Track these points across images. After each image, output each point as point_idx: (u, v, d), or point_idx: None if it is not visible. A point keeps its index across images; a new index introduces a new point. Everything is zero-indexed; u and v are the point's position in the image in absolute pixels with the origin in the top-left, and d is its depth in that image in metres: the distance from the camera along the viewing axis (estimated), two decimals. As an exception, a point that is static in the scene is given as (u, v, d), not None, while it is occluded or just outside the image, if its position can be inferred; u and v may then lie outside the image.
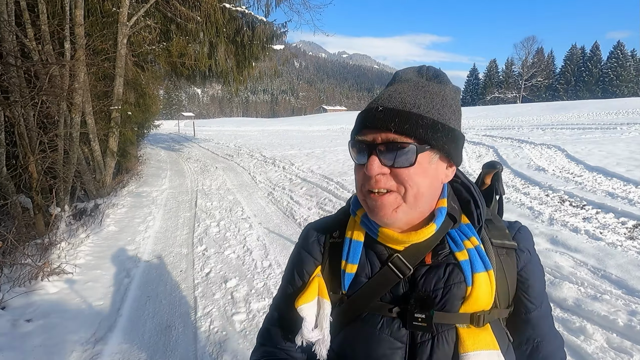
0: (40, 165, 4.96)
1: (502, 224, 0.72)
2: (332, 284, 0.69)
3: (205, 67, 10.67)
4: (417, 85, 0.62)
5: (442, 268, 0.64)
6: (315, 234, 0.74)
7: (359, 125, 0.62)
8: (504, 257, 0.68)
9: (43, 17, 5.71)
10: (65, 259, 3.70)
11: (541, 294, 0.71)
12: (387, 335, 0.63)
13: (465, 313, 0.63)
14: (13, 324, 2.47)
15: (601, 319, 2.48)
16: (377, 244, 0.67)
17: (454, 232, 0.66)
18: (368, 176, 0.59)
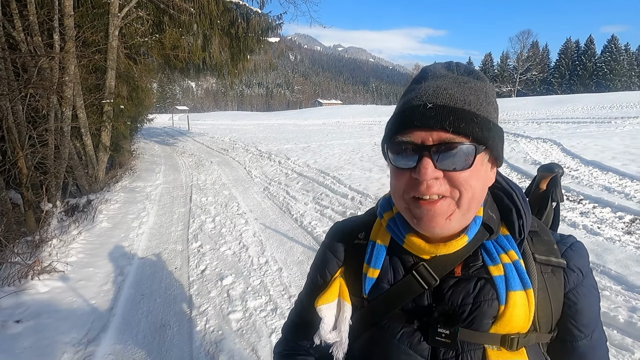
0: (30, 161, 4.85)
1: (552, 237, 0.64)
2: (353, 286, 0.67)
3: (199, 59, 10.50)
4: (459, 81, 0.56)
5: (472, 282, 0.59)
6: (340, 234, 0.72)
7: (401, 124, 0.55)
8: (548, 275, 0.61)
9: (31, 8, 5.53)
10: (56, 256, 3.61)
11: (593, 321, 0.63)
12: (407, 347, 0.60)
13: (496, 334, 0.58)
14: (2, 325, 2.40)
15: (602, 316, 2.46)
16: (402, 250, 0.63)
17: (489, 243, 0.60)
18: (416, 181, 0.54)
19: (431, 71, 0.59)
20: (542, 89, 65.42)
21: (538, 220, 0.67)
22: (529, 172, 7.04)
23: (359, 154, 10.76)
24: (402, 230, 0.62)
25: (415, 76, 0.62)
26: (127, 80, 9.05)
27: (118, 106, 8.46)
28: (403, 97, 0.59)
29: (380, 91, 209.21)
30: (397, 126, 0.56)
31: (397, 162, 0.56)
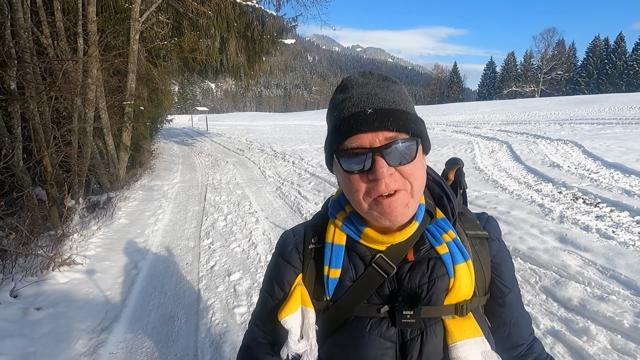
0: (55, 159, 5.12)
1: (472, 215, 0.74)
2: (315, 291, 0.68)
3: (217, 62, 10.75)
4: (381, 86, 0.62)
5: (424, 263, 0.65)
6: (292, 242, 0.73)
7: (347, 131, 0.58)
8: (478, 246, 0.69)
9: (58, 14, 5.85)
10: (76, 250, 3.82)
11: (512, 278, 0.73)
12: (377, 337, 0.63)
13: (450, 304, 0.64)
14: (24, 312, 2.58)
15: (606, 320, 2.42)
16: (359, 246, 0.66)
17: (432, 227, 0.67)
18: (374, 182, 0.57)
19: (353, 81, 0.64)
20: (568, 89, 63.17)
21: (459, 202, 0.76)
22: (546, 174, 6.87)
23: (373, 155, 10.76)
24: (358, 226, 0.65)
25: (337, 87, 0.66)
26: (147, 83, 9.37)
27: (138, 107, 8.78)
28: (335, 108, 0.63)
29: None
30: (343, 135, 0.59)
31: (351, 168, 0.59)
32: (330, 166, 0.66)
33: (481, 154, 9.89)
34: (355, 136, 0.58)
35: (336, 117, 0.61)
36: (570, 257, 3.34)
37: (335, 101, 0.64)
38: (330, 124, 0.63)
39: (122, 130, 8.17)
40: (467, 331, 0.63)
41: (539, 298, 2.79)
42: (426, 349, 0.62)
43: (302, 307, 0.66)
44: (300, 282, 0.69)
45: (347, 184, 0.61)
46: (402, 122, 0.58)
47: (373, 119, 0.57)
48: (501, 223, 4.36)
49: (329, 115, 0.64)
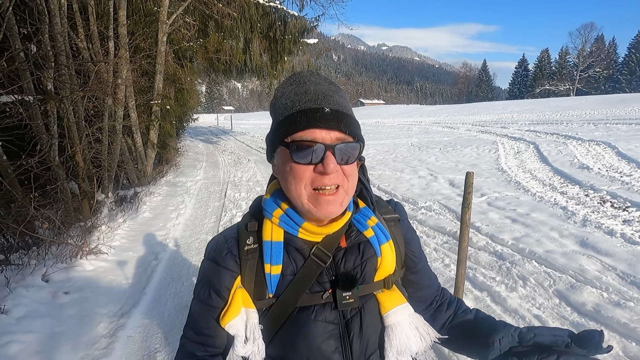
0: (86, 155, 5.44)
1: (384, 201, 0.84)
2: (255, 291, 0.69)
3: (240, 62, 11.01)
4: (331, 89, 0.67)
5: (355, 247, 0.72)
6: (226, 246, 0.72)
7: (302, 124, 0.62)
8: (392, 227, 0.79)
9: (92, 18, 6.20)
10: (103, 240, 4.06)
11: (420, 249, 0.85)
12: (322, 321, 0.67)
13: (379, 280, 0.73)
14: (53, 295, 2.80)
15: (621, 327, 2.34)
16: (296, 240, 0.70)
17: (357, 215, 0.74)
18: (320, 175, 0.62)
19: (305, 77, 0.69)
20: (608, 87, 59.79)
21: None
22: (573, 176, 6.60)
23: (393, 155, 10.67)
24: (297, 221, 0.68)
25: (287, 80, 0.70)
26: (174, 83, 9.73)
27: (165, 107, 9.14)
28: (287, 99, 0.66)
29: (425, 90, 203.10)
30: (298, 125, 0.62)
31: (300, 159, 0.62)
32: (271, 155, 0.70)
33: (506, 154, 9.60)
34: (311, 130, 0.61)
35: (290, 108, 0.64)
36: (589, 262, 3.22)
37: (287, 92, 0.67)
38: (282, 114, 0.65)
39: (149, 128, 8.54)
40: (395, 300, 0.71)
41: (551, 302, 2.72)
42: (365, 322, 0.69)
43: (244, 309, 0.67)
44: (240, 285, 0.68)
45: (292, 173, 0.64)
46: (351, 126, 0.64)
47: (330, 117, 0.62)
48: (519, 225, 4.26)
49: (278, 105, 0.67)
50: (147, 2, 8.22)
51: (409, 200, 5.74)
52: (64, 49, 5.19)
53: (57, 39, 5.11)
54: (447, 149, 11.13)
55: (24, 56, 4.53)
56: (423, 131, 17.95)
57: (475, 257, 3.55)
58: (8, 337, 2.24)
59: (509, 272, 3.17)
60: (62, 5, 5.31)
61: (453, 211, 4.99)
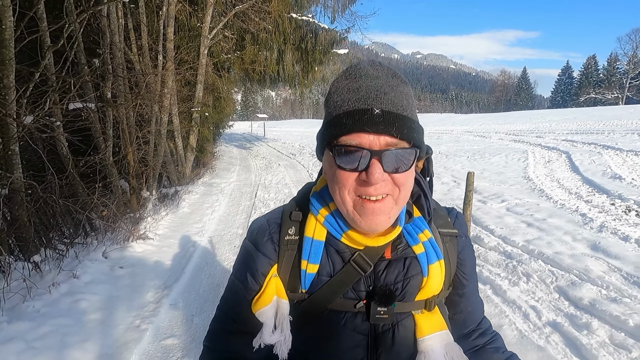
0: (136, 156, 6.15)
1: (443, 211, 0.75)
2: (290, 283, 0.67)
3: (274, 72, 11.68)
4: (391, 85, 0.59)
5: (401, 261, 0.66)
6: (267, 232, 0.70)
7: (349, 127, 0.56)
8: (448, 244, 0.71)
9: (144, 35, 7.01)
10: (149, 229, 4.65)
11: (473, 271, 0.76)
12: (351, 330, 0.64)
13: (421, 300, 0.67)
14: (111, 268, 3.35)
15: (612, 319, 2.49)
16: (338, 243, 0.66)
17: (409, 226, 0.67)
18: (364, 182, 0.57)
19: (362, 70, 0.61)
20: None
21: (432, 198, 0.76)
22: (603, 186, 6.50)
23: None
24: (342, 226, 0.64)
25: (344, 73, 0.63)
26: (212, 92, 10.52)
27: (204, 114, 9.91)
28: (338, 96, 0.60)
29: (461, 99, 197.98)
30: (344, 129, 0.57)
31: (344, 164, 0.57)
32: (321, 155, 0.65)
33: (535, 163, 9.47)
34: (357, 134, 0.56)
35: (339, 107, 0.59)
36: (596, 263, 3.34)
37: (341, 88, 0.61)
38: (331, 113, 0.60)
39: (189, 133, 9.31)
40: (434, 325, 0.65)
41: (551, 296, 2.90)
42: (397, 341, 0.64)
43: (276, 298, 0.65)
44: (275, 274, 0.67)
45: (335, 178, 0.59)
46: (406, 130, 0.56)
47: (379, 120, 0.55)
48: (533, 229, 4.38)
49: (330, 102, 0.62)
50: (191, 19, 9.05)
51: (429, 204, 5.95)
52: (120, 63, 5.96)
53: (116, 53, 5.89)
54: (475, 157, 11.11)
55: (87, 69, 5.30)
56: (453, 139, 17.80)
57: (484, 256, 3.74)
58: (79, 296, 2.78)
59: (514, 270, 3.36)
60: (121, 25, 6.10)
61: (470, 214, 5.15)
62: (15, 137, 3.72)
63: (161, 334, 2.57)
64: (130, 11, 6.62)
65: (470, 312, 0.78)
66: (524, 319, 2.61)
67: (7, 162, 3.64)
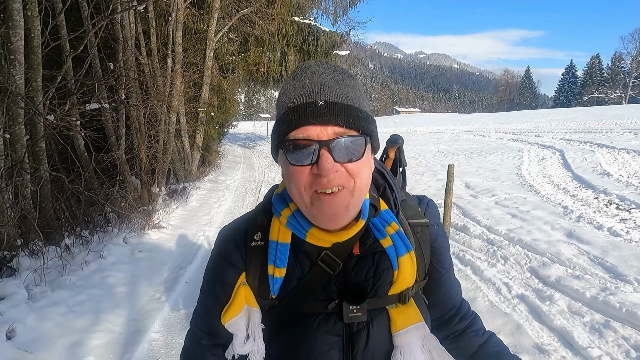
0: (148, 153, 6.55)
1: (414, 201, 0.74)
2: (259, 289, 0.65)
3: (277, 73, 12.06)
4: (336, 79, 0.59)
5: (370, 257, 0.65)
6: (233, 240, 0.69)
7: (295, 121, 0.56)
8: (419, 234, 0.70)
9: (153, 39, 7.41)
10: (162, 220, 5.04)
11: (448, 258, 0.76)
12: (324, 333, 0.63)
13: (394, 294, 0.65)
14: (131, 252, 3.74)
15: (572, 292, 2.84)
16: (304, 243, 0.64)
17: (375, 220, 0.66)
18: (317, 176, 0.56)
19: (308, 69, 0.61)
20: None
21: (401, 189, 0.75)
22: (590, 182, 6.82)
23: (417, 160, 11.15)
24: (304, 225, 0.62)
25: (291, 74, 0.63)
26: (218, 92, 10.92)
27: (209, 114, 10.31)
28: (285, 95, 0.60)
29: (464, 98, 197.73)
30: (291, 124, 0.56)
31: (295, 160, 0.56)
32: (276, 156, 0.64)
33: (529, 161, 9.78)
34: (304, 127, 0.55)
35: (286, 105, 0.59)
36: (568, 248, 3.69)
37: (287, 88, 0.61)
38: (279, 112, 0.61)
39: (196, 132, 9.71)
40: (408, 318, 0.64)
41: (523, 275, 3.25)
42: (372, 339, 0.63)
43: (247, 307, 0.64)
44: (244, 282, 0.66)
45: (289, 176, 0.59)
46: (352, 118, 0.56)
47: (324, 111, 0.55)
48: (516, 220, 4.72)
49: (279, 102, 0.62)
50: (197, 22, 9.45)
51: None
52: (132, 66, 6.37)
53: (129, 57, 6.29)
54: (472, 156, 11.43)
55: (101, 73, 5.70)
56: (453, 139, 18.11)
57: (469, 243, 4.10)
58: (107, 273, 3.18)
59: (494, 254, 3.71)
60: (133, 30, 6.51)
61: (460, 207, 5.51)
62: (42, 135, 4.13)
63: (179, 305, 2.95)
64: (140, 17, 7.02)
65: (449, 297, 0.77)
66: (496, 292, 2.96)
67: (35, 158, 4.04)
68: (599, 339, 2.32)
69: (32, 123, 4.07)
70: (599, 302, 2.67)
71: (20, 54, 3.68)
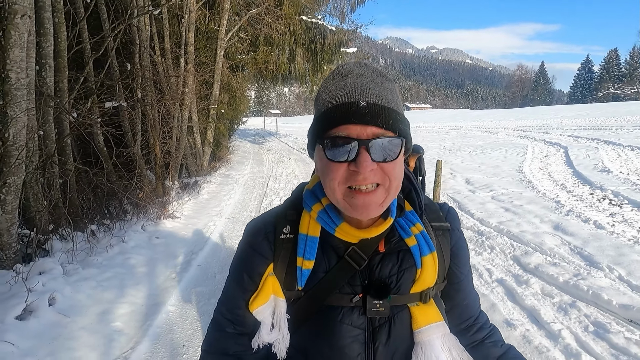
0: (162, 149, 6.96)
1: (436, 206, 0.77)
2: (286, 281, 0.68)
3: (285, 71, 12.38)
4: (376, 81, 0.62)
5: (394, 255, 0.68)
6: (263, 232, 0.72)
7: (337, 119, 0.58)
8: (440, 237, 0.73)
9: (167, 39, 7.80)
10: (176, 211, 5.43)
11: (467, 264, 0.78)
12: (348, 325, 0.65)
13: (416, 293, 0.68)
14: (149, 238, 4.13)
15: (547, 277, 3.11)
16: (333, 238, 0.67)
17: (401, 220, 0.69)
18: (354, 173, 0.58)
19: (348, 70, 0.64)
20: (684, 90, 53.95)
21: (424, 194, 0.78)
22: (588, 178, 6.98)
23: (422, 156, 11.37)
24: (335, 220, 0.65)
25: (331, 73, 0.66)
26: (228, 90, 11.30)
27: (220, 111, 10.70)
28: (326, 94, 0.62)
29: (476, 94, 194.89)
30: (332, 122, 0.59)
31: (335, 156, 0.58)
32: (312, 151, 0.66)
33: (533, 157, 9.91)
34: (345, 126, 0.58)
35: (327, 103, 0.61)
36: (552, 239, 3.93)
37: (328, 86, 0.63)
38: (320, 109, 0.63)
39: (207, 129, 10.11)
40: (429, 317, 0.67)
41: (506, 263, 3.52)
42: (393, 334, 0.65)
43: (274, 297, 0.67)
44: (272, 272, 0.68)
45: (326, 171, 0.61)
46: (391, 120, 0.59)
47: (365, 112, 0.57)
48: (509, 213, 4.97)
49: (319, 100, 0.64)
50: (208, 23, 9.82)
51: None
52: (147, 66, 6.76)
53: (144, 58, 6.68)
54: (477, 152, 11.58)
55: (119, 73, 6.10)
56: (460, 135, 18.20)
57: (460, 234, 4.37)
58: (128, 255, 3.57)
59: (482, 244, 3.98)
60: (148, 32, 6.89)
61: (457, 201, 5.77)
62: (69, 131, 4.54)
63: (192, 284, 3.31)
64: (155, 19, 7.40)
65: (466, 305, 0.79)
66: (478, 277, 3.24)
67: (62, 152, 4.45)
68: (563, 316, 2.59)
69: (59, 120, 4.49)
70: (569, 285, 2.93)
71: (50, 58, 4.08)
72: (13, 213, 3.05)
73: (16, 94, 3.06)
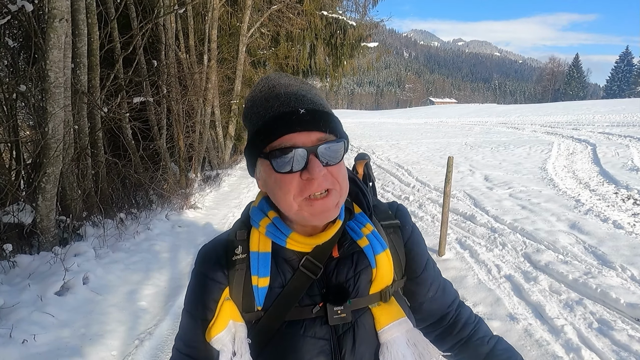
0: (185, 142, 7.27)
1: (385, 205, 0.78)
2: (244, 302, 0.66)
3: (306, 66, 12.51)
4: (305, 89, 0.63)
5: (349, 258, 0.68)
6: (214, 257, 0.69)
7: (279, 130, 0.57)
8: (392, 235, 0.73)
9: (192, 36, 8.08)
10: (197, 201, 5.71)
11: (425, 257, 0.77)
12: (312, 337, 0.64)
13: (375, 293, 0.67)
14: (172, 227, 4.41)
15: (557, 274, 3.12)
16: (285, 250, 0.66)
17: (351, 223, 0.70)
18: (307, 182, 0.58)
19: (275, 80, 0.63)
20: None
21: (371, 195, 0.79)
22: (615, 177, 6.76)
23: (442, 152, 11.25)
24: (284, 231, 0.65)
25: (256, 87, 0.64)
26: (249, 85, 11.55)
27: (241, 105, 10.97)
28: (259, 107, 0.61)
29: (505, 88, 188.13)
30: (275, 133, 0.58)
31: (283, 168, 0.58)
32: (252, 169, 0.66)
33: (558, 155, 9.63)
34: (289, 135, 0.57)
35: (262, 116, 0.60)
36: (567, 237, 3.90)
37: (258, 100, 0.62)
38: (256, 124, 0.61)
39: (228, 123, 10.41)
40: (391, 315, 0.67)
41: (517, 260, 3.54)
42: (359, 339, 0.65)
43: (232, 322, 0.64)
44: (228, 297, 0.66)
45: (278, 185, 0.60)
46: (331, 124, 0.60)
47: (307, 118, 0.57)
48: (525, 211, 4.92)
49: (251, 115, 0.63)
50: (231, 19, 10.06)
51: (439, 189, 6.57)
52: (173, 62, 7.05)
53: (170, 55, 6.98)
54: (499, 149, 11.34)
55: (146, 70, 6.41)
56: (484, 131, 17.78)
57: (473, 230, 4.39)
58: (153, 242, 3.84)
59: (494, 240, 4.00)
60: (173, 30, 7.17)
61: (473, 198, 5.75)
62: (100, 126, 4.86)
63: (210, 270, 3.54)
64: (179, 16, 7.68)
65: (433, 298, 0.77)
66: (487, 273, 3.29)
67: (93, 145, 4.78)
68: (568, 313, 2.62)
69: (91, 115, 4.82)
70: (578, 283, 2.93)
71: (84, 57, 4.38)
72: (52, 200, 3.36)
73: (55, 91, 3.34)
